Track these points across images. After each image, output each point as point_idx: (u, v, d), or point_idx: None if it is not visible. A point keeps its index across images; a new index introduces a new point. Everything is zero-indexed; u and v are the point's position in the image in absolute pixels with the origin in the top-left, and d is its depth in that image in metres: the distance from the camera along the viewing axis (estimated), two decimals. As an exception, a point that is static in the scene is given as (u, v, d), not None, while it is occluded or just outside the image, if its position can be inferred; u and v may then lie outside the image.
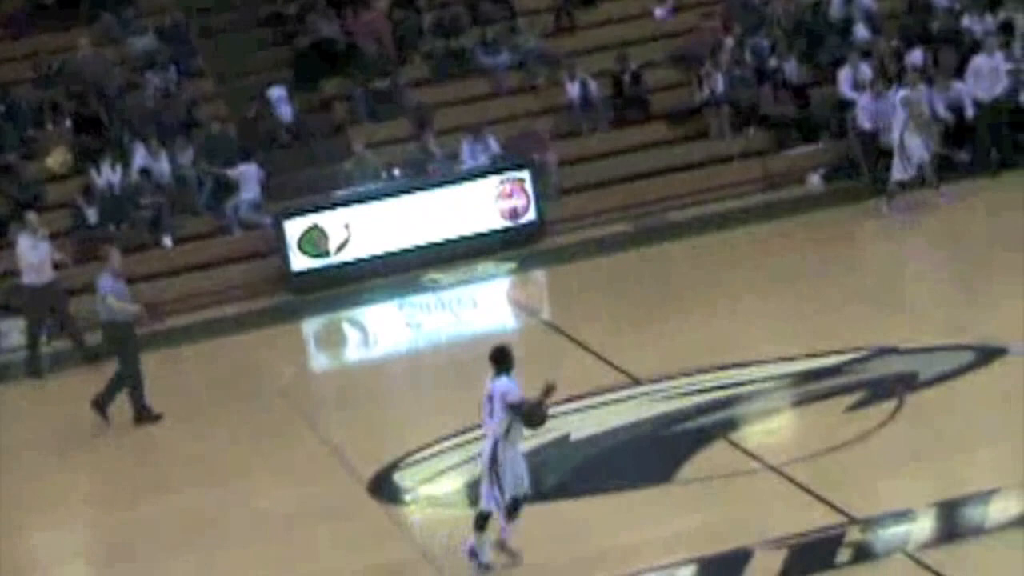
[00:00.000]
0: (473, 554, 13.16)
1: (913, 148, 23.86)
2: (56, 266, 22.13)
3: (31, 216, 22.47)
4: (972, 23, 27.37)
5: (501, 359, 13.16)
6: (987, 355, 16.89)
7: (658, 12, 29.40)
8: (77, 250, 23.57)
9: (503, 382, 13.02)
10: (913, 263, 21.73)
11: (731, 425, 16.26)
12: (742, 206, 25.71)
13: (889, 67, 26.58)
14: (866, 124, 25.71)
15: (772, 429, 16.37)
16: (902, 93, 24.43)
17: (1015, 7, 27.49)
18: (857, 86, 26.38)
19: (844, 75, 26.66)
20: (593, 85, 27.32)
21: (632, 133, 27.39)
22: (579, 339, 19.78)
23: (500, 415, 12.98)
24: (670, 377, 17.65)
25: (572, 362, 19.09)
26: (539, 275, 24.89)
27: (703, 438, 15.79)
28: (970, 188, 24.64)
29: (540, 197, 25.55)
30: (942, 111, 25.63)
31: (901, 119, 24.02)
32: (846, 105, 26.44)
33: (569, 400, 17.23)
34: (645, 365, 18.19)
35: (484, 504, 13.10)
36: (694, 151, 27.02)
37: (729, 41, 27.74)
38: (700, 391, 17.06)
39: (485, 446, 13.16)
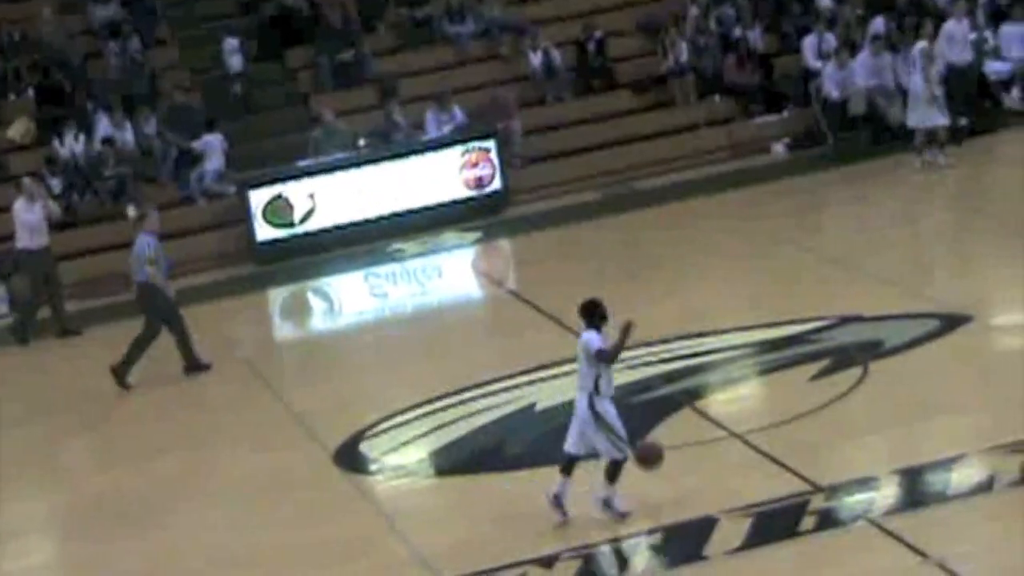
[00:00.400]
0: (607, 504, 13.04)
1: (941, 97, 23.79)
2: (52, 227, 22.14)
3: (27, 181, 22.38)
4: (936, -9, 27.42)
5: (588, 312, 13.14)
6: (952, 323, 16.94)
7: (623, -20, 29.37)
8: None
9: (586, 335, 13.01)
10: (879, 231, 21.75)
11: (697, 394, 16.29)
12: (707, 175, 25.73)
13: (854, 35, 26.61)
14: (832, 93, 25.76)
15: (737, 398, 16.40)
16: (920, 45, 24.26)
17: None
18: (822, 55, 26.42)
19: (809, 44, 26.69)
20: (557, 54, 27.28)
21: (597, 102, 27.37)
22: (545, 309, 19.77)
23: (586, 369, 12.96)
24: (636, 346, 17.61)
25: (538, 332, 19.08)
26: (504, 245, 24.87)
27: (669, 407, 15.82)
28: (951, 149, 24.70)
29: (505, 166, 25.51)
30: (905, 80, 25.65)
31: (927, 71, 23.76)
32: (811, 74, 26.46)
33: (535, 369, 17.26)
34: (611, 334, 18.16)
35: (610, 455, 12.92)
36: (659, 120, 27.02)
37: (694, 10, 27.73)
38: (666, 360, 17.08)
39: (579, 402, 13.08)
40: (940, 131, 23.94)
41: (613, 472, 13.06)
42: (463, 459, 15.51)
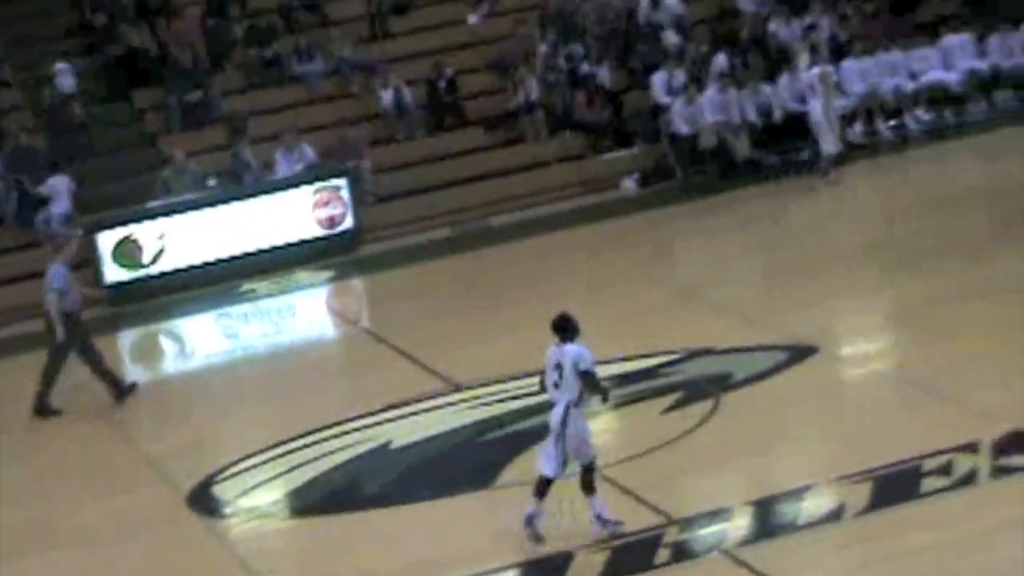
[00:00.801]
0: (601, 519, 13.05)
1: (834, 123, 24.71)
2: None
3: None
4: (779, 28, 27.86)
5: (565, 326, 13.07)
6: (799, 354, 17.19)
7: (472, 18, 29.49)
8: None
9: (573, 349, 12.93)
10: (729, 264, 22.03)
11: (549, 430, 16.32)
12: (558, 211, 25.87)
13: (701, 72, 26.98)
14: (681, 128, 26.08)
15: (591, 433, 16.45)
16: (816, 70, 24.98)
17: (821, 11, 28.04)
18: (671, 91, 26.73)
19: (657, 80, 27.00)
20: (408, 92, 27.32)
21: (448, 139, 27.44)
22: (399, 346, 19.76)
23: (572, 381, 12.88)
24: (490, 383, 17.69)
25: (392, 369, 19.07)
26: (358, 283, 24.81)
27: (522, 443, 15.84)
28: (787, 189, 25.07)
29: (357, 205, 25.48)
30: (751, 114, 26.11)
31: (821, 95, 24.62)
32: (660, 110, 26.76)
33: (390, 407, 17.24)
34: (465, 371, 18.23)
35: (546, 469, 13.01)
36: (510, 157, 27.14)
37: (543, 47, 27.92)
38: (519, 396, 17.11)
39: (555, 413, 13.02)
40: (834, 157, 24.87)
41: (589, 482, 13.07)
42: (318, 500, 15.42)
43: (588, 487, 13.13)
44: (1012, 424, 14.36)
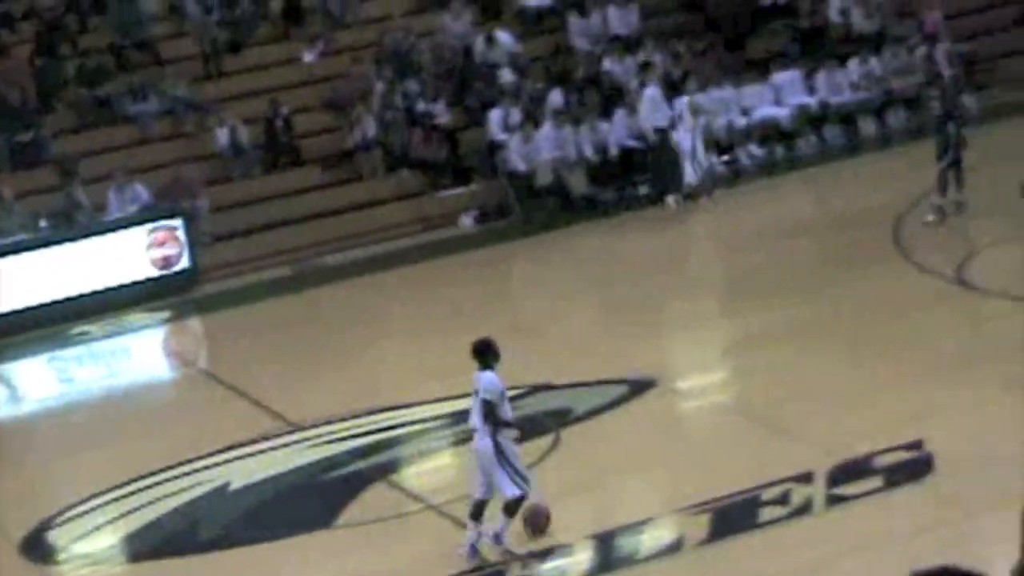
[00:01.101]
0: (498, 539, 13.19)
1: (702, 152, 25.33)
2: None
3: None
4: (613, 65, 28.14)
5: (482, 352, 13.29)
6: (638, 387, 17.32)
7: (307, 56, 29.37)
8: None
9: (485, 376, 13.13)
10: (568, 299, 22.13)
11: (391, 467, 16.30)
12: (397, 248, 25.82)
13: (536, 109, 27.16)
14: (518, 165, 26.20)
15: (430, 470, 16.47)
16: (686, 99, 25.47)
17: (653, 48, 28.36)
18: (507, 128, 26.86)
19: (494, 117, 27.11)
20: (243, 131, 27.13)
21: (285, 178, 27.28)
22: (237, 386, 19.58)
23: (480, 409, 13.05)
24: (329, 421, 17.60)
25: (230, 410, 18.88)
26: (195, 323, 24.53)
27: (363, 481, 15.79)
28: (624, 224, 25.29)
29: (193, 244, 25.22)
30: (588, 151, 26.33)
31: (690, 125, 25.22)
32: (497, 147, 26.87)
33: (228, 449, 17.06)
34: (304, 410, 18.11)
35: (509, 493, 13.01)
36: (347, 195, 27.05)
37: (379, 85, 27.90)
38: (359, 434, 17.06)
39: (479, 444, 13.07)
40: (691, 187, 25.33)
41: (513, 508, 13.15)
42: (156, 543, 15.21)
43: (512, 511, 13.22)
44: (845, 454, 14.59)
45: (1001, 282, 18.85)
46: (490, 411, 13.08)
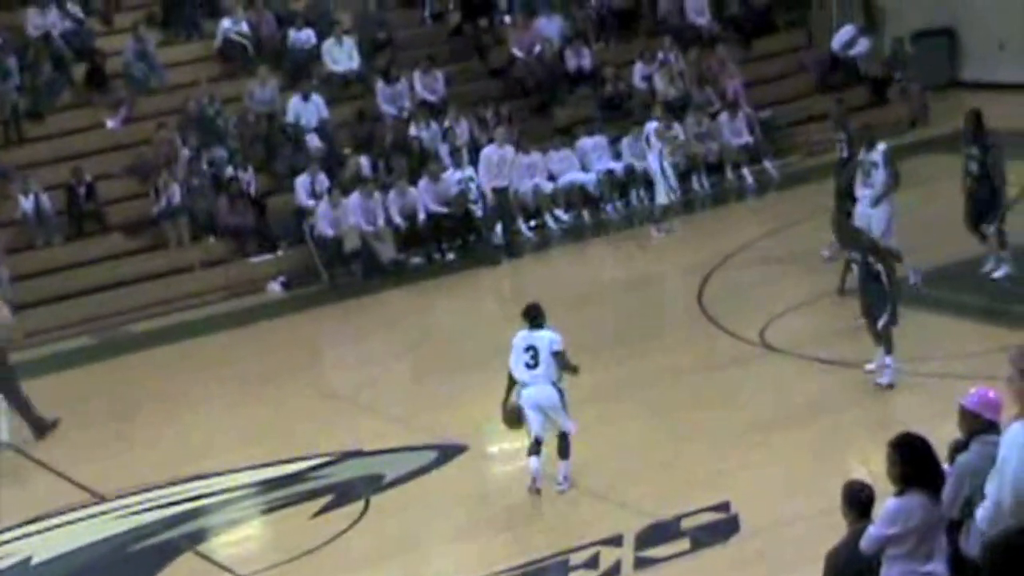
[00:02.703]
0: (566, 479, 15.52)
1: (671, 174, 26.30)
2: None
3: None
4: (419, 131, 28.29)
5: (536, 314, 15.60)
6: (449, 452, 17.35)
7: (110, 123, 29.06)
8: None
9: (547, 333, 15.42)
10: (376, 365, 22.11)
11: (200, 537, 16.12)
12: (204, 315, 25.59)
13: (343, 175, 27.19)
14: (326, 231, 26.16)
15: (241, 539, 16.31)
16: (653, 125, 26.55)
17: (458, 114, 28.58)
18: (315, 194, 26.83)
19: (301, 183, 27.07)
20: (46, 198, 26.74)
21: (90, 245, 26.91)
22: (40, 459, 19.21)
23: (550, 361, 15.27)
24: (138, 491, 17.36)
25: (34, 483, 18.53)
26: (-4, 394, 24.00)
27: (171, 552, 15.58)
28: (432, 289, 25.38)
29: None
30: (396, 216, 26.41)
31: (657, 149, 26.30)
32: (304, 212, 26.82)
33: (31, 522, 16.74)
34: (112, 480, 17.84)
35: (572, 428, 15.55)
36: (153, 262, 26.76)
37: (185, 152, 27.71)
38: (167, 504, 16.85)
39: (542, 392, 15.34)
40: (663, 208, 26.44)
41: (566, 448, 15.53)
42: (-44, 621, 14.87)
43: (563, 452, 15.60)
44: (653, 517, 14.77)
45: (802, 344, 19.24)
46: (563, 359, 15.32)
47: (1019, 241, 20.66)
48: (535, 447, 15.55)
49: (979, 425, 9.64)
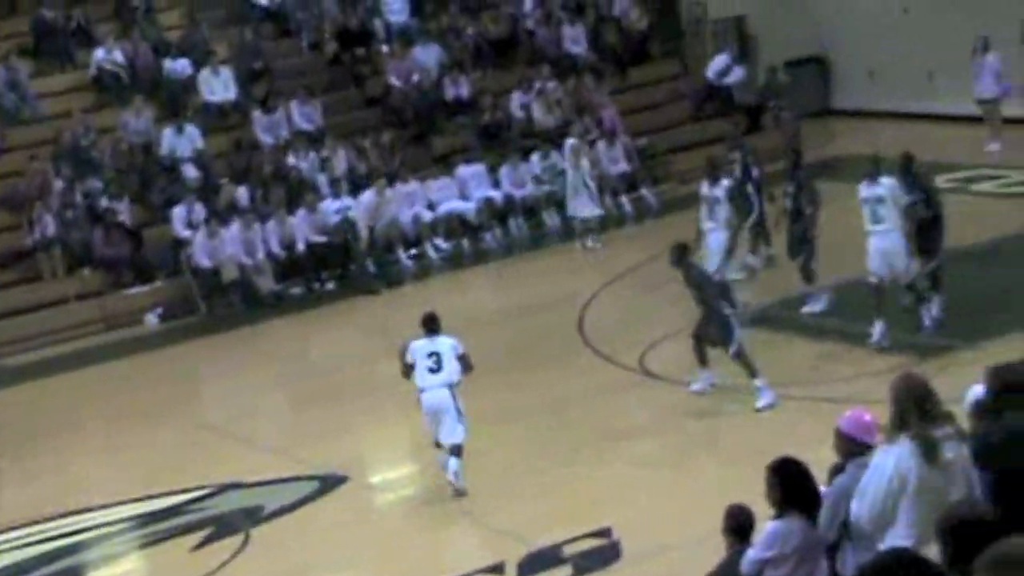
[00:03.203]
0: (457, 476, 15.98)
1: (594, 187, 27.18)
2: None
3: None
4: (298, 160, 28.19)
5: (434, 321, 16.40)
6: (330, 483, 17.27)
7: (-18, 154, 28.70)
8: None
9: (448, 339, 16.29)
10: (255, 396, 21.97)
11: (78, 573, 15.92)
12: (80, 348, 25.28)
13: (220, 205, 27.02)
14: (203, 261, 25.97)
15: (120, 574, 16.14)
16: (571, 142, 27.31)
17: (335, 143, 28.52)
18: (191, 225, 26.63)
19: (178, 214, 26.85)
20: (-83, 231, 26.36)
21: (-38, 278, 26.55)
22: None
23: (454, 365, 16.09)
24: (14, 527, 17.10)
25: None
26: None
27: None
28: (312, 319, 25.27)
29: None
30: (275, 246, 26.28)
31: (571, 165, 27.06)
32: (181, 244, 26.61)
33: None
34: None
35: (461, 438, 16.06)
36: (26, 295, 26.41)
37: (59, 183, 27.38)
38: (43, 540, 16.61)
39: (439, 396, 16.00)
40: (593, 221, 26.96)
41: (459, 450, 16.08)
42: None
43: (454, 451, 16.13)
44: (535, 544, 14.78)
45: (681, 371, 19.35)
46: (467, 360, 16.23)
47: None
48: (438, 445, 16.33)
49: (855, 447, 9.74)
